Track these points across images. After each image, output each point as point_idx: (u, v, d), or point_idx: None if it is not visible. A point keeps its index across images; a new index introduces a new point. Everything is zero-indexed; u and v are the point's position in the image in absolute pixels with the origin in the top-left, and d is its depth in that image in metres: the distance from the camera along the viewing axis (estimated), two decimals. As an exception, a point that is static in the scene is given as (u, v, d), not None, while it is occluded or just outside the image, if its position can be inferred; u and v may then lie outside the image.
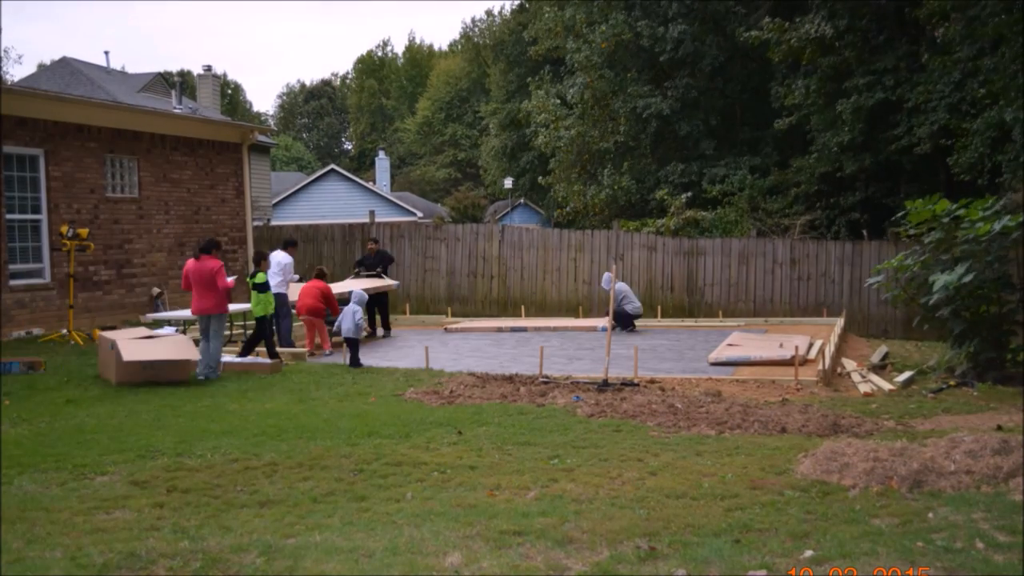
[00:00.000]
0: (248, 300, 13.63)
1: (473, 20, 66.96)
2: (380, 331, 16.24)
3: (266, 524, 5.11)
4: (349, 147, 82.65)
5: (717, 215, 22.07)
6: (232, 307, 14.97)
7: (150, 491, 5.91)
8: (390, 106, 76.60)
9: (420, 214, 41.55)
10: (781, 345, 12.72)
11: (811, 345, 13.29)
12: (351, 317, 12.34)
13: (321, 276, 14.48)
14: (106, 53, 38.82)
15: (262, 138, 28.89)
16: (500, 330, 16.73)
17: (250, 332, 13.40)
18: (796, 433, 7.68)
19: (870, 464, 5.86)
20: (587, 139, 26.31)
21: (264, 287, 12.43)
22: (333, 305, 14.00)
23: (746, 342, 13.54)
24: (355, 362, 12.12)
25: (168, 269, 17.65)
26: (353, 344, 12.29)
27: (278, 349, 12.85)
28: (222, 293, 11.38)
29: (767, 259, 18.54)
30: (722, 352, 12.73)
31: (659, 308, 18.58)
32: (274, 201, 38.73)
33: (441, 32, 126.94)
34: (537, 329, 16.66)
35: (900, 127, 20.60)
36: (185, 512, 5.39)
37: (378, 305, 16.11)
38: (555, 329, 16.60)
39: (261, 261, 12.79)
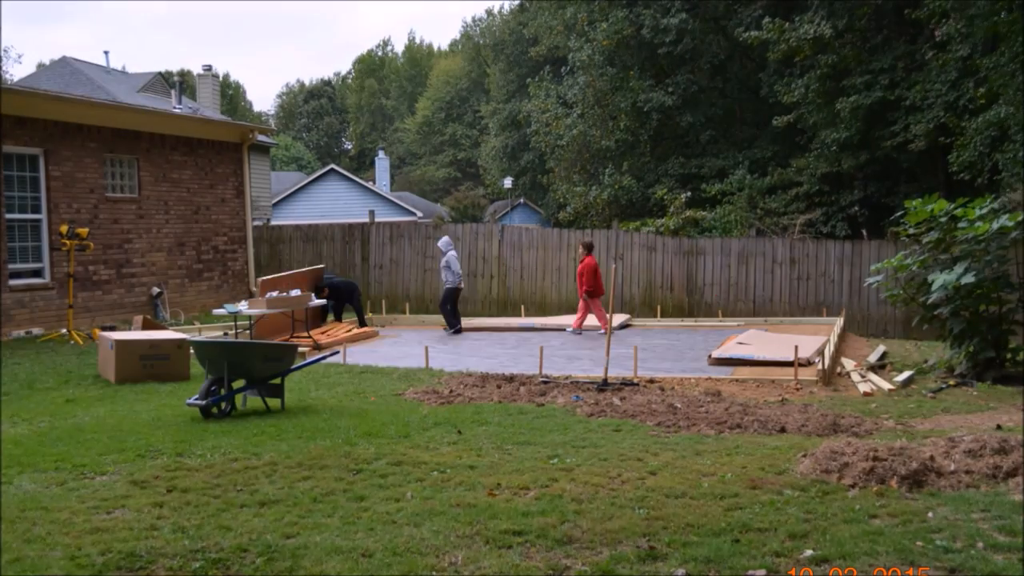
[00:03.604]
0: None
1: (473, 20, 67.05)
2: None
3: (266, 524, 5.11)
4: (349, 147, 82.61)
5: (717, 215, 22.07)
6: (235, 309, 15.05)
7: (150, 491, 5.90)
8: (390, 106, 76.60)
9: (420, 214, 41.54)
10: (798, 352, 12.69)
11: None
12: None
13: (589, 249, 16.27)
14: (106, 53, 38.79)
15: (262, 138, 28.87)
16: (499, 329, 16.72)
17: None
18: (795, 433, 7.68)
19: (870, 464, 5.85)
20: (588, 138, 26.33)
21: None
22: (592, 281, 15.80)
23: (749, 341, 13.53)
24: None
25: (168, 269, 17.64)
26: None
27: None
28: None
29: (766, 259, 18.53)
30: (726, 350, 12.74)
31: (659, 308, 18.58)
32: (274, 201, 38.73)
33: (441, 32, 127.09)
34: (541, 328, 16.66)
35: (897, 124, 20.63)
36: (185, 512, 5.39)
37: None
38: (553, 328, 16.60)
39: None
